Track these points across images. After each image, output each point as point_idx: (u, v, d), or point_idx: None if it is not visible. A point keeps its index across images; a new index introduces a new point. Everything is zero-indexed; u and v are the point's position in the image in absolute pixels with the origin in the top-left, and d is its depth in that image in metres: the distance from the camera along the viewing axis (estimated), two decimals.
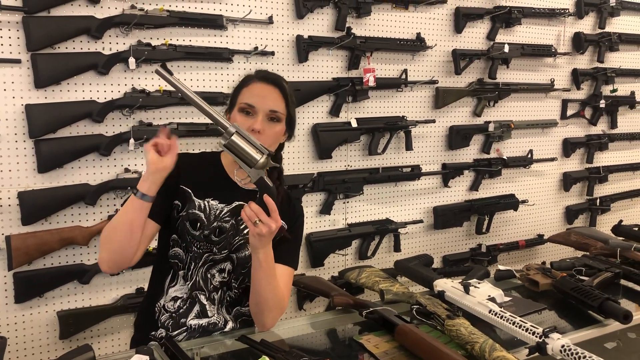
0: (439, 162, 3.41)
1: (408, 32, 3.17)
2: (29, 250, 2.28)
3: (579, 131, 3.98)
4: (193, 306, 1.64)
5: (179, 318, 1.63)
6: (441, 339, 1.55)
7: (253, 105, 1.58)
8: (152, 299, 1.67)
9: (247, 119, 1.58)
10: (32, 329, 2.38)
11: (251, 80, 1.64)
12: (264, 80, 1.63)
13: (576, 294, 1.84)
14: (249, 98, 1.60)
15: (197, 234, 1.62)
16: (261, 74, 1.66)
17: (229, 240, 1.65)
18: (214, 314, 1.66)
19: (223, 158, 1.70)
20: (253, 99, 1.59)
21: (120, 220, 1.48)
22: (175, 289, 1.65)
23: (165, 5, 2.48)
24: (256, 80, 1.63)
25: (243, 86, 1.63)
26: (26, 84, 2.27)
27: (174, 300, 1.64)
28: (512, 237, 3.74)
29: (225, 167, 1.69)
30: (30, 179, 2.31)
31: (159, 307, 1.65)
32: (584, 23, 3.85)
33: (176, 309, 1.64)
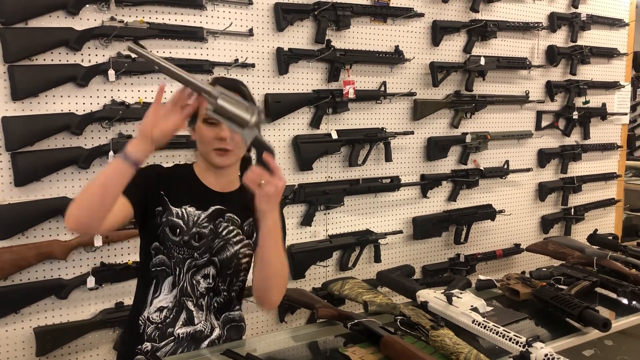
0: (417, 173, 3.44)
1: (387, 45, 3.21)
2: (5, 265, 2.24)
3: (554, 142, 4.06)
4: (179, 314, 1.63)
5: (165, 328, 1.62)
6: (426, 350, 1.56)
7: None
8: (136, 312, 1.65)
9: (211, 129, 1.59)
10: (7, 346, 2.32)
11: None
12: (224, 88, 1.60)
13: (556, 303, 1.87)
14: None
15: (177, 240, 1.61)
16: (222, 82, 1.59)
17: (209, 244, 1.64)
18: (201, 320, 1.65)
19: (195, 167, 1.72)
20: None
21: (97, 180, 1.39)
22: (159, 299, 1.63)
23: (145, 17, 2.47)
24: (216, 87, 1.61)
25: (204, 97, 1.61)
26: (2, 96, 2.24)
27: (160, 311, 1.63)
28: (489, 246, 3.79)
29: (198, 175, 1.70)
30: (6, 192, 2.27)
31: (143, 320, 1.63)
32: (557, 36, 3.95)
33: (162, 319, 1.62)
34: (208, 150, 1.62)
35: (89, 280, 2.41)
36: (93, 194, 1.38)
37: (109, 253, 2.50)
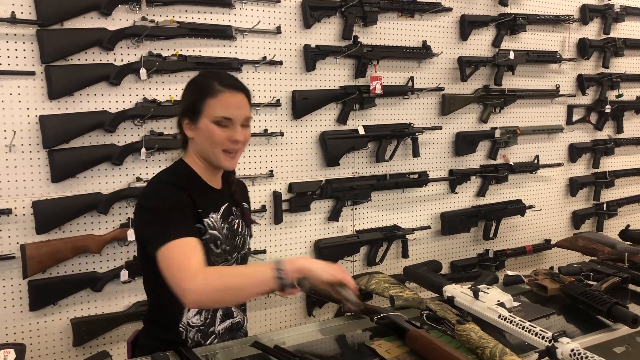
0: (445, 169, 3.43)
1: (414, 40, 3.20)
2: (43, 258, 2.32)
3: (585, 136, 3.99)
4: (216, 312, 1.67)
5: (207, 329, 1.65)
6: (451, 344, 1.57)
7: (231, 117, 1.56)
8: (174, 320, 1.61)
9: (224, 130, 1.56)
10: (46, 337, 2.41)
11: (218, 90, 1.56)
12: (234, 89, 1.59)
13: (584, 299, 1.85)
14: (224, 111, 1.55)
15: (219, 252, 1.63)
16: (227, 82, 1.59)
17: (234, 243, 1.69)
18: (238, 312, 1.73)
19: (194, 167, 1.65)
20: (229, 111, 1.56)
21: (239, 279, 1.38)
22: None
23: (176, 16, 2.52)
24: (225, 89, 1.57)
25: (208, 95, 1.56)
26: (40, 95, 2.32)
27: (199, 314, 1.63)
28: (519, 242, 3.76)
29: (201, 176, 1.65)
30: (44, 188, 2.35)
31: (184, 326, 1.61)
32: (589, 29, 3.87)
33: (203, 321, 1.64)
34: (216, 151, 1.58)
35: (123, 274, 2.48)
36: (228, 290, 1.36)
37: None
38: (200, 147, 1.61)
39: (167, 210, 1.48)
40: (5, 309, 2.32)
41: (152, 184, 1.61)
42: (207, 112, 1.56)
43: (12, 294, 2.33)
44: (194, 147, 1.63)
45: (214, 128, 1.55)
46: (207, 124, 1.56)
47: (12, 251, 2.30)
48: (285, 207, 2.87)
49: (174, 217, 1.47)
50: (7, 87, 2.26)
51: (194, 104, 1.58)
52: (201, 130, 1.57)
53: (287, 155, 2.88)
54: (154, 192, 1.58)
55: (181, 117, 1.61)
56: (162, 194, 1.54)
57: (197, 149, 1.62)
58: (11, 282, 2.32)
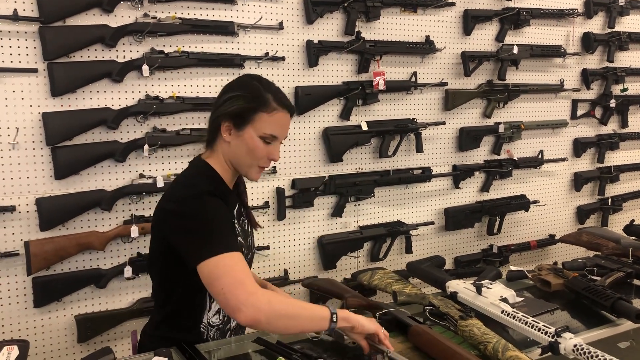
0: (449, 164, 3.42)
1: (417, 35, 3.19)
2: (47, 255, 2.32)
3: (590, 131, 3.98)
4: None
5: (224, 326, 1.68)
6: (454, 340, 1.57)
7: (277, 137, 1.57)
8: (195, 320, 1.61)
9: (266, 146, 1.56)
10: (50, 333, 2.42)
11: (274, 108, 1.55)
12: (286, 109, 1.58)
13: (588, 294, 1.85)
14: (274, 129, 1.55)
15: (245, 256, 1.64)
16: (282, 100, 1.58)
17: (247, 243, 1.73)
18: None
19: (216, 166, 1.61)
20: (278, 130, 1.56)
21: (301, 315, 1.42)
22: (216, 303, 1.62)
23: (178, 13, 2.52)
24: (280, 108, 1.56)
25: (263, 109, 1.54)
26: (43, 92, 2.32)
27: (218, 313, 1.65)
28: (523, 237, 3.75)
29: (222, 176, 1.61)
30: (47, 185, 2.36)
31: (205, 327, 1.63)
32: (593, 23, 3.85)
33: (221, 319, 1.66)
34: (252, 164, 1.57)
35: (126, 270, 2.48)
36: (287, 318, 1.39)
37: (145, 244, 2.57)
38: (235, 155, 1.58)
39: (215, 222, 1.46)
40: (10, 305, 2.33)
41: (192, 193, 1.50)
42: (256, 125, 1.53)
43: (17, 291, 2.34)
44: (224, 151, 1.59)
45: (258, 142, 1.54)
46: (252, 135, 1.54)
47: (16, 248, 2.30)
48: (289, 203, 2.87)
49: (221, 230, 1.45)
50: (10, 84, 2.26)
51: (244, 112, 1.54)
52: (243, 140, 1.55)
53: (290, 152, 2.88)
54: (197, 202, 1.47)
55: (222, 118, 1.55)
56: (207, 205, 1.47)
57: (230, 155, 1.59)
58: (15, 279, 2.33)
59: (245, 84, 1.59)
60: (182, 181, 1.61)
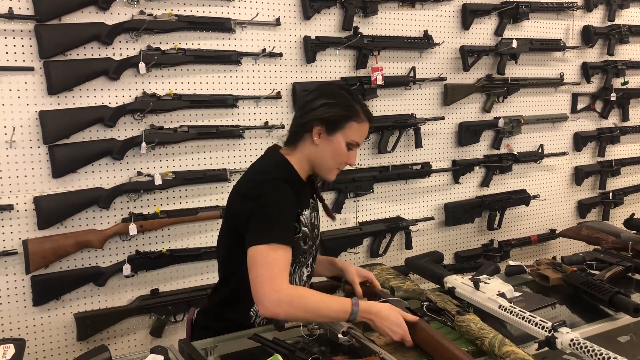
0: (449, 159, 3.41)
1: (415, 29, 3.18)
2: (46, 254, 2.33)
3: (590, 125, 3.96)
4: None
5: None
6: (451, 335, 1.57)
7: (359, 144, 1.71)
8: (249, 304, 1.68)
9: (348, 152, 1.68)
10: (50, 331, 2.42)
11: (362, 119, 1.67)
12: (370, 122, 1.71)
13: (586, 288, 1.84)
14: (360, 138, 1.69)
15: (306, 248, 1.70)
16: (369, 115, 1.71)
17: (313, 236, 1.75)
18: None
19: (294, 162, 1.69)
20: (362, 139, 1.71)
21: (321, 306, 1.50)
22: None
23: (174, 9, 2.51)
24: (366, 120, 1.69)
25: (354, 118, 1.66)
26: (39, 90, 2.32)
27: None
28: (524, 232, 3.74)
29: (295, 168, 1.69)
30: (45, 184, 2.36)
31: (254, 311, 1.69)
32: (593, 16, 3.83)
33: None
34: (332, 166, 1.69)
35: (125, 268, 2.48)
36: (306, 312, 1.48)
37: (144, 241, 2.57)
38: (320, 157, 1.67)
39: (279, 208, 1.55)
40: (9, 304, 2.34)
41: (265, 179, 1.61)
42: (346, 132, 1.65)
43: (16, 290, 2.34)
44: (308, 152, 1.68)
45: (344, 147, 1.66)
46: (340, 141, 1.65)
47: (14, 247, 2.31)
48: None
49: (281, 219, 1.55)
50: (6, 83, 2.26)
51: (339, 119, 1.65)
52: (332, 144, 1.65)
53: None
54: (268, 186, 1.58)
55: (316, 123, 1.65)
56: (276, 190, 1.58)
57: (314, 156, 1.68)
58: (14, 278, 2.34)
59: (337, 93, 1.70)
60: (257, 167, 1.73)
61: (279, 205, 1.56)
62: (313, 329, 1.58)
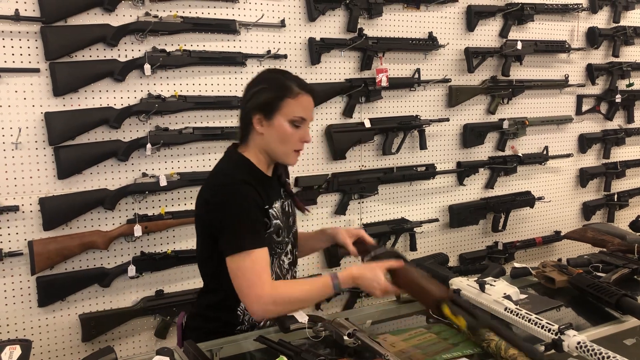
0: (453, 161, 3.41)
1: (420, 31, 3.18)
2: (51, 255, 2.33)
3: (595, 126, 3.95)
4: None
5: None
6: (457, 338, 1.56)
7: (306, 118, 1.65)
8: (235, 304, 1.67)
9: (296, 131, 1.63)
10: (55, 332, 2.43)
11: (297, 92, 1.63)
12: (308, 92, 1.66)
13: (593, 291, 1.83)
14: (301, 112, 1.63)
15: (280, 240, 1.70)
16: (305, 86, 1.67)
17: (288, 225, 1.75)
18: None
19: (251, 157, 1.68)
20: (306, 112, 1.65)
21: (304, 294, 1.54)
22: None
23: (179, 11, 2.51)
24: (302, 92, 1.64)
25: (288, 95, 1.62)
26: (45, 92, 2.32)
27: None
28: (528, 234, 3.73)
29: (260, 169, 1.69)
30: (50, 185, 2.36)
31: (242, 310, 1.68)
32: (598, 18, 3.82)
33: None
34: (287, 149, 1.65)
35: (130, 269, 2.49)
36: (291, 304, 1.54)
37: (149, 243, 2.57)
38: (270, 144, 1.65)
39: (243, 215, 1.55)
40: (14, 305, 2.34)
41: (225, 182, 1.61)
42: (284, 111, 1.61)
43: (21, 290, 2.35)
44: (259, 142, 1.66)
45: (288, 127, 1.62)
46: (282, 122, 1.62)
47: (19, 248, 2.31)
48: None
49: (249, 223, 1.55)
50: (12, 84, 2.27)
51: (270, 101, 1.62)
52: (274, 128, 1.62)
53: None
54: (229, 191, 1.58)
55: (252, 112, 1.63)
56: (238, 196, 1.57)
57: (264, 144, 1.66)
58: (20, 279, 2.34)
59: (268, 77, 1.69)
60: (217, 170, 1.71)
61: (243, 211, 1.55)
62: (319, 331, 1.58)
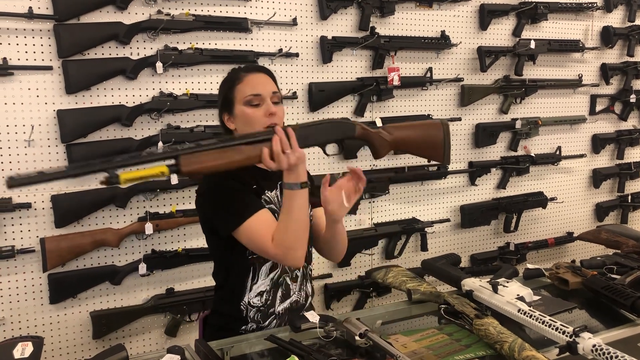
0: (465, 161, 3.38)
1: (432, 30, 3.16)
2: (62, 252, 2.34)
3: (609, 127, 3.91)
4: (276, 294, 1.70)
5: (267, 309, 1.69)
6: (469, 339, 1.55)
7: (259, 93, 1.63)
8: (236, 298, 1.69)
9: (257, 109, 1.62)
10: (66, 329, 2.44)
11: (242, 75, 1.66)
12: (255, 71, 1.69)
13: (607, 293, 1.81)
14: (251, 89, 1.63)
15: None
16: (249, 67, 1.72)
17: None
18: (295, 291, 1.74)
19: None
20: (256, 88, 1.64)
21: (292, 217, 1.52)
22: (258, 285, 1.68)
23: (191, 9, 2.51)
24: (248, 73, 1.67)
25: (236, 83, 1.65)
26: (57, 90, 2.33)
27: (260, 295, 1.68)
28: (541, 235, 3.70)
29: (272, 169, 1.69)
30: (62, 182, 2.37)
31: (245, 305, 1.69)
32: (613, 17, 3.78)
33: (263, 302, 1.69)
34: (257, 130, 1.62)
35: (141, 267, 2.49)
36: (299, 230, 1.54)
37: (159, 240, 2.57)
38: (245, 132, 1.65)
39: (230, 192, 1.60)
40: (26, 301, 2.35)
41: (206, 179, 1.69)
42: (238, 98, 1.64)
43: (33, 287, 2.36)
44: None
45: (247, 110, 1.62)
46: (241, 108, 1.63)
47: (31, 245, 2.32)
48: None
49: (239, 196, 1.60)
50: (25, 82, 2.27)
51: (226, 96, 1.67)
52: (238, 117, 1.64)
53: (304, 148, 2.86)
54: (211, 180, 1.65)
55: (221, 114, 1.70)
56: (219, 181, 1.62)
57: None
58: (31, 276, 2.35)
59: (224, 78, 1.73)
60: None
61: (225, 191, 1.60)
62: (330, 331, 1.57)
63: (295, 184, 1.51)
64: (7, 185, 1.19)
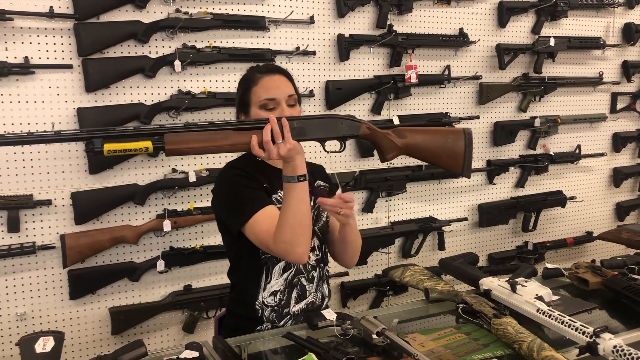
0: (483, 159, 3.36)
1: (450, 27, 3.14)
2: (82, 248, 2.37)
3: (630, 125, 3.85)
4: (291, 294, 1.70)
5: (281, 309, 1.70)
6: (487, 338, 1.54)
7: (274, 97, 1.62)
8: (251, 298, 1.69)
9: (271, 113, 1.59)
10: (85, 325, 2.47)
11: (258, 77, 1.66)
12: (271, 72, 1.68)
13: (629, 293, 1.78)
14: (266, 93, 1.63)
15: None
16: (264, 68, 1.71)
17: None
18: (312, 292, 1.74)
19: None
20: (271, 91, 1.63)
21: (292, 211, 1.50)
22: (271, 285, 1.69)
23: (209, 8, 2.53)
24: (263, 74, 1.66)
25: (251, 85, 1.66)
26: (77, 88, 2.36)
27: (273, 295, 1.69)
28: (559, 234, 3.66)
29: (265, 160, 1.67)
30: (82, 180, 2.40)
31: (260, 304, 1.69)
32: (635, 13, 3.72)
33: (277, 302, 1.69)
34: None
35: (159, 264, 2.51)
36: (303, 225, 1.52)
37: (177, 238, 2.59)
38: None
39: (238, 190, 1.61)
40: (46, 297, 2.39)
41: (220, 173, 1.72)
42: (253, 100, 1.64)
43: (53, 283, 2.39)
44: None
45: (262, 113, 1.62)
46: (256, 111, 1.64)
47: (52, 241, 2.36)
48: None
49: (247, 194, 1.60)
50: (46, 80, 2.30)
51: (242, 98, 1.68)
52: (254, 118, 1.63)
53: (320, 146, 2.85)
54: (222, 179, 1.70)
55: (238, 115, 1.71)
56: (229, 179, 1.65)
57: None
58: (52, 272, 2.38)
59: (240, 78, 1.73)
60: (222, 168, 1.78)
61: (234, 187, 1.61)
62: (347, 329, 1.57)
63: (292, 176, 1.49)
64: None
